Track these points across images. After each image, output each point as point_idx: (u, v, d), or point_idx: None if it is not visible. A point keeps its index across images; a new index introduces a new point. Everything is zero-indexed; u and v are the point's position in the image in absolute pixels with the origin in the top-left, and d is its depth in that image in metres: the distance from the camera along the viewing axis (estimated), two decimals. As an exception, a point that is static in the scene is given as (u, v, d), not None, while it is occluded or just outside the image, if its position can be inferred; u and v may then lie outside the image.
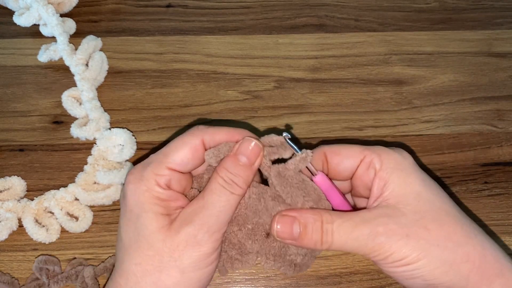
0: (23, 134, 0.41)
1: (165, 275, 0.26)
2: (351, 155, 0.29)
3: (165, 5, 0.48)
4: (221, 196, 0.27)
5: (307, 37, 0.46)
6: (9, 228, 0.36)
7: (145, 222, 0.27)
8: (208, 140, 0.28)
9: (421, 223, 0.26)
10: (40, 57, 0.44)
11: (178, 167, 0.28)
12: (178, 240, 0.26)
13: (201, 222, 0.26)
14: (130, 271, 0.27)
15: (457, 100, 0.43)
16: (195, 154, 0.28)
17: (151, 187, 0.27)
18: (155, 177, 0.27)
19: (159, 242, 0.26)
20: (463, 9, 0.48)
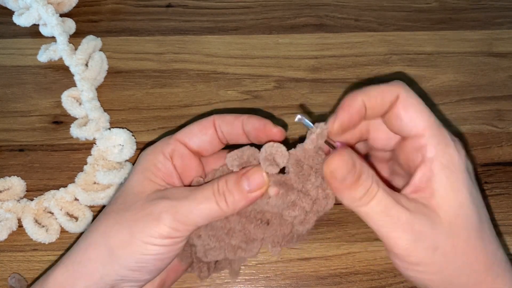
0: (23, 134, 0.41)
1: (116, 230, 0.27)
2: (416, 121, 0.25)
3: (165, 5, 0.48)
4: (206, 201, 0.26)
5: (307, 37, 0.46)
6: (9, 228, 0.36)
7: (132, 183, 0.28)
8: (218, 120, 0.29)
9: (452, 242, 0.24)
10: (40, 57, 0.44)
11: (185, 138, 0.29)
12: (145, 207, 0.27)
13: (173, 205, 0.26)
14: (98, 219, 0.28)
15: (457, 100, 0.43)
16: (202, 130, 0.29)
17: (154, 152, 0.29)
18: (162, 145, 0.29)
19: (131, 201, 0.28)
20: (463, 9, 0.48)
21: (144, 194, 0.27)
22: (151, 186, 0.28)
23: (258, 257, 0.36)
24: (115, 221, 0.27)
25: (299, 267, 0.35)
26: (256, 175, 0.27)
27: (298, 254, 0.36)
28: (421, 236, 0.24)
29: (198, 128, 0.30)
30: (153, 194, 0.27)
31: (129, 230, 0.26)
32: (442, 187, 0.25)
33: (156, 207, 0.26)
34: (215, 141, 0.30)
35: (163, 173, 0.28)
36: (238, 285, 0.35)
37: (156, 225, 0.26)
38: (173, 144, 0.29)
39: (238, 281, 0.35)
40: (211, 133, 0.29)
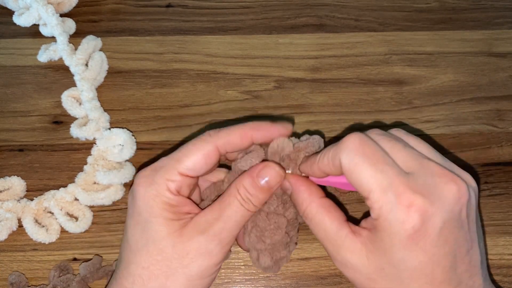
0: (23, 134, 0.41)
1: (172, 281, 0.27)
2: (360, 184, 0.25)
3: (165, 5, 0.48)
4: (238, 212, 0.27)
5: (307, 37, 0.46)
6: (8, 228, 0.36)
7: (154, 227, 0.27)
8: (222, 145, 0.28)
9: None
10: (40, 57, 0.44)
11: (190, 173, 0.28)
12: (189, 248, 0.27)
13: (214, 234, 0.27)
14: (136, 274, 0.27)
15: (457, 100, 0.43)
16: (208, 161, 0.28)
17: (161, 192, 0.27)
18: (166, 182, 0.27)
19: (168, 247, 0.27)
20: (463, 9, 0.48)
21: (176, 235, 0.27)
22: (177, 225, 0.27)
23: (258, 257, 0.36)
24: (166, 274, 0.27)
25: (299, 267, 0.35)
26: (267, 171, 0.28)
27: (298, 254, 0.36)
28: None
29: (203, 159, 0.28)
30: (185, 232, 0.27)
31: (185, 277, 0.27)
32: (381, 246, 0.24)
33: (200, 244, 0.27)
34: (217, 164, 0.30)
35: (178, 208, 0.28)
36: (238, 285, 0.35)
37: (210, 259, 0.27)
38: (178, 181, 0.27)
39: (238, 281, 0.35)
40: (215, 160, 0.28)
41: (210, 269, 0.27)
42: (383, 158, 0.25)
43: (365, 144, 0.25)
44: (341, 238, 0.26)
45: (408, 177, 0.24)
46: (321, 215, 0.27)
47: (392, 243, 0.24)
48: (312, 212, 0.28)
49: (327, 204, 0.28)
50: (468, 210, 0.24)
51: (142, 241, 0.27)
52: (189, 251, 0.27)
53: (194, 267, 0.27)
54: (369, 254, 0.25)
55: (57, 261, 0.35)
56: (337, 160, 0.26)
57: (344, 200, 0.38)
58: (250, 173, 0.28)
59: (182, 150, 0.28)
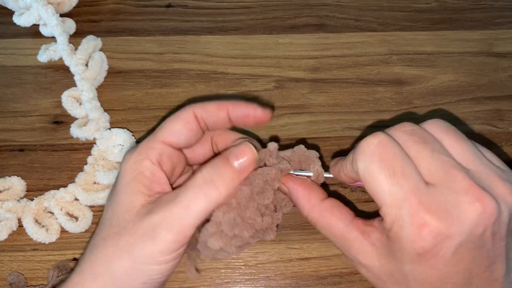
0: (23, 134, 0.41)
1: (117, 257, 0.25)
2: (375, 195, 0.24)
3: (165, 5, 0.48)
4: (194, 196, 0.25)
5: (307, 37, 0.46)
6: (9, 228, 0.36)
7: (121, 199, 0.26)
8: (199, 111, 0.28)
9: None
10: (40, 57, 0.44)
11: (170, 138, 0.27)
12: (138, 227, 0.25)
13: (163, 218, 0.25)
14: (95, 244, 0.27)
15: (457, 100, 0.43)
16: (187, 126, 0.28)
17: (139, 160, 0.27)
18: (146, 150, 0.27)
19: (124, 222, 0.26)
20: (463, 9, 0.48)
21: (134, 211, 0.26)
22: (140, 200, 0.26)
23: (258, 257, 0.36)
24: (114, 248, 0.26)
25: (299, 267, 0.35)
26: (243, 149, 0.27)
27: (298, 254, 0.36)
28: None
29: (181, 124, 0.28)
30: (142, 209, 0.26)
31: (129, 256, 0.25)
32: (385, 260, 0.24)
33: (149, 224, 0.25)
34: (198, 133, 0.29)
35: (152, 181, 0.27)
36: (238, 285, 0.35)
37: (154, 244, 0.25)
38: (159, 148, 0.27)
39: (238, 281, 0.35)
40: (195, 127, 0.28)
41: (155, 257, 0.25)
42: (401, 167, 0.23)
43: (384, 149, 0.23)
44: (349, 240, 0.25)
45: (427, 192, 0.22)
46: (325, 218, 0.26)
47: (402, 256, 0.23)
48: (315, 217, 0.27)
49: (330, 205, 0.27)
50: (495, 228, 0.22)
51: (109, 212, 0.27)
52: (137, 231, 0.25)
53: (138, 248, 0.25)
54: (379, 257, 0.24)
55: (57, 261, 0.35)
56: (356, 166, 0.24)
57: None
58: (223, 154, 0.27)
59: (163, 122, 0.28)
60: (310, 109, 0.42)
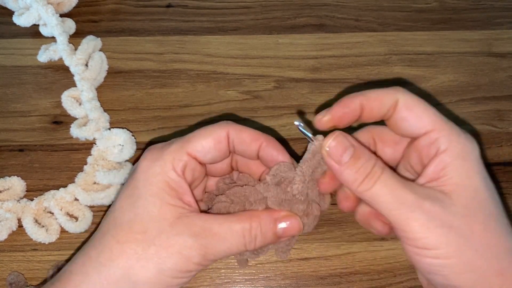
0: (23, 134, 0.41)
1: (141, 266, 0.25)
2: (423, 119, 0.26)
3: (165, 5, 0.48)
4: (236, 242, 0.26)
5: (307, 37, 0.46)
6: (8, 228, 0.36)
7: (147, 206, 0.26)
8: (234, 135, 0.28)
9: (468, 221, 0.24)
10: (40, 57, 0.44)
11: (198, 154, 0.27)
12: (173, 242, 0.25)
13: (204, 245, 0.26)
14: (108, 246, 0.25)
15: (457, 100, 0.43)
16: (217, 145, 0.27)
17: (165, 170, 0.26)
18: (172, 160, 0.26)
19: (154, 231, 0.25)
20: (463, 9, 0.48)
21: (166, 223, 0.25)
22: (172, 212, 0.26)
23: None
24: (139, 256, 0.25)
25: (299, 267, 0.35)
26: (293, 220, 0.27)
27: (298, 254, 0.36)
28: (432, 215, 0.23)
29: (212, 142, 0.27)
30: (177, 224, 0.26)
31: (156, 267, 0.25)
32: (455, 174, 0.24)
33: (185, 245, 0.25)
34: (226, 154, 0.29)
35: (178, 192, 0.26)
36: (238, 285, 0.35)
37: (186, 264, 0.25)
38: (185, 160, 0.27)
39: (238, 281, 0.35)
40: (224, 148, 0.28)
41: (182, 273, 0.26)
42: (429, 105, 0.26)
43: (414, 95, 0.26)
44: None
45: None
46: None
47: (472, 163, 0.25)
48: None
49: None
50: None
51: (129, 215, 0.26)
52: (172, 245, 0.25)
53: (169, 262, 0.25)
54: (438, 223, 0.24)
55: (57, 261, 0.35)
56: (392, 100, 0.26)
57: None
58: (271, 214, 0.27)
59: (194, 133, 0.28)
60: (310, 109, 0.42)
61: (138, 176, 0.26)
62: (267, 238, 0.27)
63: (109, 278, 0.25)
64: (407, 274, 0.35)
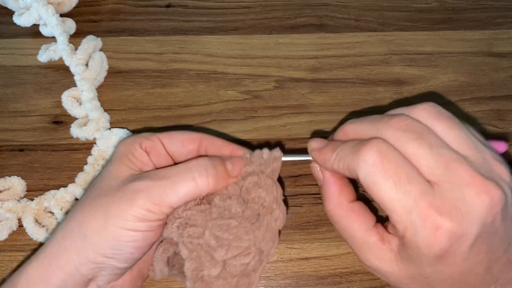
0: (23, 134, 0.41)
1: (91, 216, 0.26)
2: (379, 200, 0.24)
3: (165, 5, 0.48)
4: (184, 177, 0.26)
5: (307, 37, 0.46)
6: (9, 228, 0.36)
7: (109, 168, 0.28)
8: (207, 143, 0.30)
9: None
10: (40, 57, 0.44)
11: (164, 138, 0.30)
12: (118, 191, 0.26)
13: (147, 186, 0.26)
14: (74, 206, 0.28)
15: (457, 100, 0.43)
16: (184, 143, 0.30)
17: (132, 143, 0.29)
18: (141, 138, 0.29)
19: (107, 186, 0.27)
20: (463, 9, 0.48)
21: (120, 179, 0.27)
22: (128, 171, 0.28)
23: (258, 257, 0.36)
24: (90, 207, 0.26)
25: (299, 267, 0.35)
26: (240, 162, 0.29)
27: (298, 254, 0.36)
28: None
29: (181, 138, 0.30)
30: (129, 177, 0.27)
31: (103, 214, 0.25)
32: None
33: (131, 188, 0.26)
34: (193, 153, 0.30)
35: (140, 162, 0.28)
36: (238, 285, 0.35)
37: (130, 207, 0.25)
38: (152, 140, 0.29)
39: (238, 281, 0.35)
40: (190, 148, 0.30)
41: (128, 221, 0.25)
42: (405, 174, 0.23)
43: (385, 158, 0.23)
44: (368, 245, 0.26)
45: (434, 193, 0.22)
46: (349, 220, 0.27)
47: (421, 260, 0.23)
48: (339, 215, 0.27)
49: (357, 207, 0.27)
50: (504, 213, 0.23)
51: (96, 179, 0.28)
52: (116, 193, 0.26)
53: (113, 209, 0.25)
54: (399, 264, 0.24)
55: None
56: (354, 172, 0.24)
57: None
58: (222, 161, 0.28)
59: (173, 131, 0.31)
60: (310, 109, 0.42)
61: (113, 153, 0.30)
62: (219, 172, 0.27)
63: (67, 232, 0.26)
64: (407, 274, 0.35)
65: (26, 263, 0.26)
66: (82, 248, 0.25)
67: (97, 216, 0.25)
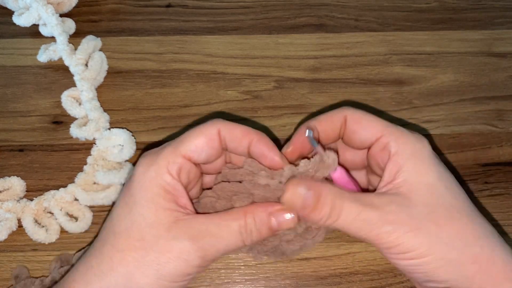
0: (22, 134, 0.41)
1: (141, 273, 0.25)
2: (371, 129, 0.27)
3: (165, 5, 0.48)
4: (234, 239, 0.26)
5: (307, 37, 0.46)
6: (8, 228, 0.36)
7: (143, 212, 0.26)
8: (225, 133, 0.28)
9: (432, 218, 0.25)
10: (40, 57, 0.44)
11: (192, 155, 0.27)
12: (171, 247, 0.25)
13: (202, 247, 0.26)
14: (108, 254, 0.26)
15: (457, 100, 0.43)
16: (210, 143, 0.27)
17: (160, 174, 0.26)
18: (167, 164, 0.26)
19: (151, 237, 0.25)
20: (463, 9, 0.48)
21: (163, 228, 0.25)
22: (168, 216, 0.26)
23: (258, 257, 0.36)
24: (138, 263, 0.25)
25: (299, 267, 0.35)
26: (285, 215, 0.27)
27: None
28: (398, 223, 0.25)
29: (204, 141, 0.27)
30: (174, 229, 0.26)
31: (156, 273, 0.25)
32: (410, 174, 0.26)
33: (184, 249, 0.25)
34: (219, 152, 0.28)
35: (174, 196, 0.26)
36: (238, 285, 0.35)
37: (186, 267, 0.25)
38: (179, 163, 0.27)
39: (238, 281, 0.35)
40: (217, 145, 0.28)
41: (182, 276, 0.26)
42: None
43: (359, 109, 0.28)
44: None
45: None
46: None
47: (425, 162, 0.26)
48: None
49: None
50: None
51: (126, 223, 0.26)
52: (170, 250, 0.25)
53: (168, 267, 0.25)
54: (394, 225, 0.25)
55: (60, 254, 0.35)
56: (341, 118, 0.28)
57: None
58: (265, 208, 0.27)
59: (185, 134, 0.28)
60: (310, 109, 0.42)
61: (134, 183, 0.27)
62: (262, 232, 0.27)
63: (110, 286, 0.25)
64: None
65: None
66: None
67: (149, 274, 0.25)
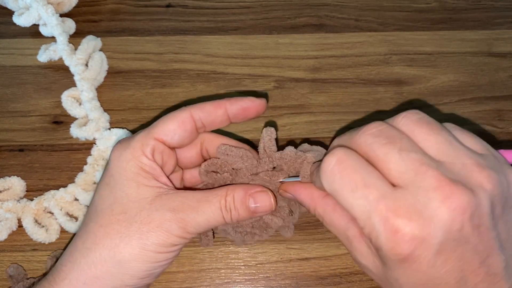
0: (22, 134, 0.41)
1: (125, 244, 0.26)
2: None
3: (165, 5, 0.48)
4: (214, 215, 0.27)
5: (307, 37, 0.46)
6: (8, 228, 0.36)
7: (126, 190, 0.27)
8: (197, 113, 0.29)
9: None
10: (40, 57, 0.44)
11: (165, 138, 0.28)
12: (153, 218, 0.26)
13: (183, 218, 0.26)
14: (91, 231, 0.27)
15: (457, 100, 0.43)
16: (181, 126, 0.28)
17: (136, 156, 0.27)
18: (141, 146, 0.28)
19: (134, 210, 0.26)
20: (463, 9, 0.48)
21: (145, 201, 0.27)
22: (150, 192, 0.27)
23: (258, 257, 0.36)
24: (121, 234, 0.26)
25: (299, 267, 0.35)
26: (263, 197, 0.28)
27: (298, 254, 0.36)
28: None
29: (176, 124, 0.28)
30: (156, 202, 0.27)
31: (139, 243, 0.26)
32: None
33: (165, 218, 0.26)
34: (193, 134, 0.29)
35: (153, 175, 0.28)
36: (238, 285, 0.35)
37: (168, 237, 0.26)
38: (152, 144, 0.28)
39: (238, 281, 0.35)
40: (190, 128, 0.29)
41: (166, 247, 0.27)
42: (362, 179, 0.22)
43: (342, 165, 0.23)
44: (349, 238, 0.26)
45: (394, 196, 0.22)
46: (328, 215, 0.27)
47: (388, 262, 0.23)
48: (320, 214, 0.28)
49: (333, 201, 0.27)
50: (476, 221, 0.21)
51: (109, 200, 0.27)
52: (151, 221, 0.26)
53: (151, 237, 0.26)
54: (375, 259, 0.24)
55: (53, 251, 0.35)
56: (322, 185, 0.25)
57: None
58: (246, 189, 0.28)
59: (158, 120, 0.29)
60: (310, 109, 0.42)
61: (112, 166, 0.28)
62: (241, 212, 0.28)
63: (95, 260, 0.26)
64: (407, 274, 0.35)
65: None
66: (117, 274, 0.26)
67: (133, 245, 0.26)
